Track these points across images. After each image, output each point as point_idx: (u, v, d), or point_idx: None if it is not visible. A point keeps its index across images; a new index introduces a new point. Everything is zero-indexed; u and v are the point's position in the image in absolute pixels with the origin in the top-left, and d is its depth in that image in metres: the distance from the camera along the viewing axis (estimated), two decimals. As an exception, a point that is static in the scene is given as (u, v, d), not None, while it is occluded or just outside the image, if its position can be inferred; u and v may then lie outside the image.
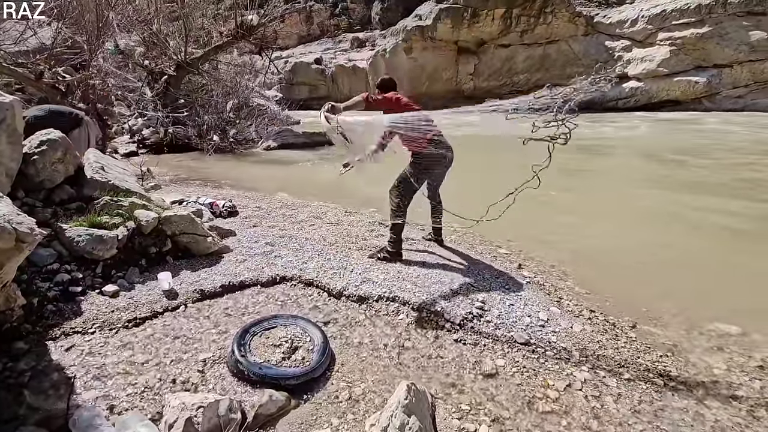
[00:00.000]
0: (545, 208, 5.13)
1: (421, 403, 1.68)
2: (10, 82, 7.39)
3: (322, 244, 3.45)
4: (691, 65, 18.78)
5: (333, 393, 1.86)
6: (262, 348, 2.06)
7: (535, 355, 2.19)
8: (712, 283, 3.23)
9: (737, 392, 2.00)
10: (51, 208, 2.93)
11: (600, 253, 3.80)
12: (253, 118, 11.22)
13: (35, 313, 2.13)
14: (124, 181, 3.41)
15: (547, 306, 2.67)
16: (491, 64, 22.48)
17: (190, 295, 2.52)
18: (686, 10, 18.64)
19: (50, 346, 1.97)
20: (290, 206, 4.57)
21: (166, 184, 5.56)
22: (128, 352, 1.99)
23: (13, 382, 1.71)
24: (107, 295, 2.41)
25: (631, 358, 2.21)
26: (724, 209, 5.06)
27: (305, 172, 7.88)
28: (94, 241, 2.54)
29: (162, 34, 10.44)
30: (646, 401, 1.91)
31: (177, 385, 1.81)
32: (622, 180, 7.17)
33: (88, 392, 1.72)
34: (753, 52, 17.45)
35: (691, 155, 8.92)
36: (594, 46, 21.04)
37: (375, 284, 2.76)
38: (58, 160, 3.04)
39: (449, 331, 2.35)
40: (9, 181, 2.69)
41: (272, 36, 12.60)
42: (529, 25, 21.27)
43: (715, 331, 2.55)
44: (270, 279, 2.80)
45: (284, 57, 27.85)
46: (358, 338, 2.27)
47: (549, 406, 1.85)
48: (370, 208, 4.77)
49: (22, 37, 6.65)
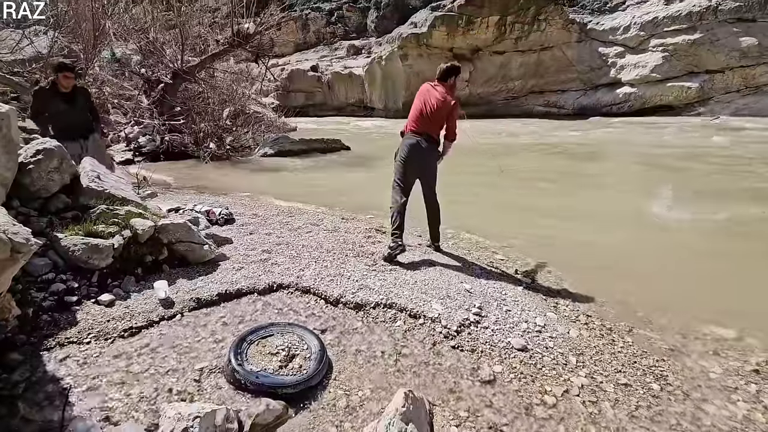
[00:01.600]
0: (541, 215, 5.16)
1: (418, 410, 1.68)
2: (5, 90, 7.38)
3: (319, 251, 3.45)
4: (683, 71, 19.01)
5: (330, 401, 1.85)
6: (259, 356, 2.05)
7: (532, 361, 2.19)
8: (707, 287, 3.25)
9: (733, 396, 2.01)
10: (46, 217, 2.91)
11: (595, 258, 3.82)
12: (249, 126, 11.25)
13: (30, 323, 2.11)
14: (120, 189, 3.41)
15: (544, 311, 2.68)
16: (486, 71, 22.64)
17: (186, 304, 2.50)
18: (678, 17, 18.91)
19: (45, 357, 1.95)
20: (287, 213, 4.58)
21: (162, 192, 5.55)
22: (124, 362, 1.98)
23: (7, 393, 1.69)
24: (103, 304, 2.40)
25: (627, 363, 2.22)
26: (720, 213, 5.10)
27: (302, 179, 7.89)
28: (89, 251, 2.53)
29: (159, 43, 10.47)
30: (643, 406, 1.91)
31: (173, 395, 1.79)
32: (617, 185, 7.22)
33: (83, 403, 1.70)
34: (744, 57, 17.70)
35: (690, 160, 9.00)
36: (587, 53, 21.27)
37: (372, 291, 2.76)
38: (54, 169, 3.03)
39: (446, 337, 2.36)
40: (4, 191, 2.68)
41: (269, 44, 12.66)
42: (523, 32, 21.48)
43: (710, 335, 2.56)
44: (267, 287, 2.79)
45: (281, 64, 27.94)
46: (356, 345, 2.26)
47: (547, 412, 1.85)
48: (367, 215, 4.77)
49: (18, 46, 6.66)
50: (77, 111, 4.40)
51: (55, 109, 4.27)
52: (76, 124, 4.41)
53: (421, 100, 3.40)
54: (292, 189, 6.56)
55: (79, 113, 4.43)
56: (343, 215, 4.66)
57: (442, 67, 3.42)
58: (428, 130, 3.37)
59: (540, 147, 11.85)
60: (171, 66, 10.19)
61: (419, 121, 3.38)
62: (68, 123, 4.31)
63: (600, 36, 21.11)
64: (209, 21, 13.43)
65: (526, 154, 10.68)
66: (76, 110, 4.38)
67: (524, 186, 6.75)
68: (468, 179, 6.79)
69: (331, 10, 31.37)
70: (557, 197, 6.02)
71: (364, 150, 11.32)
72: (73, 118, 4.37)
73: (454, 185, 3.67)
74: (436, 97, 3.33)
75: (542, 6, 20.84)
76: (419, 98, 3.42)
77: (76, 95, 4.41)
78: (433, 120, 3.35)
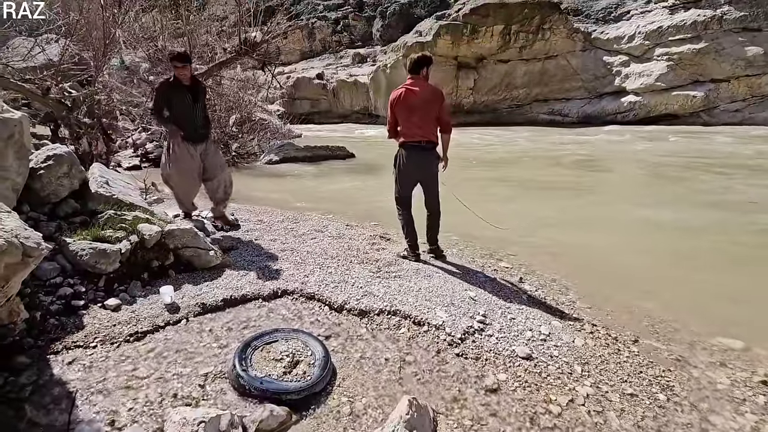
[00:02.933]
0: (546, 223, 5.15)
1: (422, 418, 1.68)
2: (17, 97, 7.51)
3: (323, 257, 3.47)
4: (688, 80, 19.03)
5: (334, 408, 1.85)
6: (263, 362, 2.05)
7: (537, 370, 2.18)
8: (714, 296, 3.22)
9: (741, 408, 1.99)
10: (55, 222, 2.96)
11: (601, 266, 3.80)
12: (255, 133, 11.33)
13: (37, 326, 2.14)
14: (127, 195, 3.45)
15: (549, 320, 2.67)
16: (490, 79, 22.76)
17: (191, 309, 2.52)
18: (682, 27, 18.98)
19: (52, 360, 1.97)
20: (292, 219, 4.60)
21: (168, 197, 5.60)
22: (130, 367, 1.99)
23: (15, 396, 1.71)
24: (109, 308, 2.42)
25: (633, 373, 2.20)
26: (726, 223, 5.07)
27: (307, 185, 7.93)
28: (97, 255, 2.56)
29: (167, 51, 10.62)
30: (649, 417, 1.89)
31: (178, 400, 1.80)
32: (623, 194, 7.20)
33: (89, 407, 1.71)
34: (749, 66, 17.71)
35: (694, 169, 8.97)
36: (592, 61, 21.36)
37: (376, 298, 2.76)
38: (64, 174, 3.08)
39: (451, 345, 2.35)
40: (15, 196, 2.72)
41: (275, 52, 12.82)
42: (527, 41, 21.62)
43: (717, 346, 2.54)
44: (271, 293, 2.80)
45: (287, 72, 28.25)
46: (360, 352, 2.26)
47: (552, 422, 1.84)
48: (372, 221, 4.79)
49: (30, 54, 6.79)
50: (200, 108, 3.74)
51: (181, 105, 3.62)
52: (200, 124, 3.76)
53: (406, 105, 3.20)
54: (297, 195, 6.59)
55: (201, 111, 3.77)
56: (347, 222, 4.68)
57: (413, 58, 3.22)
58: (425, 135, 3.23)
59: (544, 154, 11.86)
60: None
61: (413, 128, 3.23)
62: (194, 122, 3.69)
63: (604, 45, 21.21)
64: (217, 30, 13.62)
65: (531, 162, 10.68)
66: (198, 107, 3.71)
67: (529, 194, 6.75)
68: (473, 185, 6.80)
69: (337, 18, 31.75)
70: (562, 205, 6.01)
71: (369, 157, 11.37)
72: (198, 117, 3.73)
73: (461, 194, 3.67)
74: (421, 95, 3.16)
75: (547, 15, 21.01)
76: (402, 105, 3.21)
77: (197, 90, 3.73)
78: (427, 120, 3.20)
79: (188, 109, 3.65)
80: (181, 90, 3.60)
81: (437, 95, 3.19)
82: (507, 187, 7.36)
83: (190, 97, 3.64)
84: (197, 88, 3.73)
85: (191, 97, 3.64)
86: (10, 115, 2.66)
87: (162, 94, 3.64)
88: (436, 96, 3.18)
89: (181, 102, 3.62)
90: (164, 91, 3.63)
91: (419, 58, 3.21)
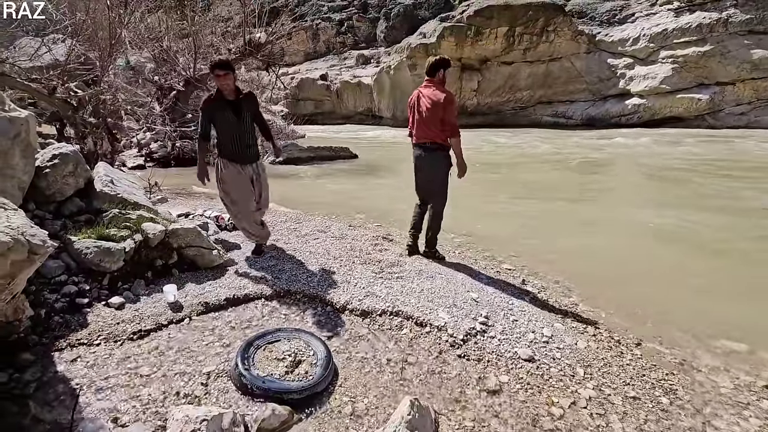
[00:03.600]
0: (548, 225, 5.14)
1: (424, 419, 1.68)
2: (23, 96, 7.57)
3: (326, 257, 3.47)
4: (693, 83, 18.92)
5: (336, 408, 1.85)
6: (265, 361, 2.06)
7: (539, 372, 2.17)
8: (718, 299, 3.20)
9: (745, 412, 1.98)
10: (60, 220, 2.98)
11: (603, 269, 3.79)
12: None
13: (42, 324, 2.16)
14: (132, 194, 3.47)
15: (551, 322, 2.66)
16: (494, 81, 22.74)
17: (194, 308, 2.53)
18: (687, 29, 18.88)
19: (56, 358, 1.98)
20: (294, 220, 4.61)
21: (172, 197, 5.62)
22: (133, 365, 2.00)
23: (19, 393, 1.72)
24: (113, 307, 2.44)
25: (636, 376, 2.19)
26: (731, 226, 5.04)
27: (310, 186, 7.95)
28: (101, 254, 2.58)
29: (172, 51, 10.69)
30: (652, 420, 1.89)
31: (181, 398, 1.81)
32: (626, 197, 7.17)
33: (92, 404, 1.73)
34: (755, 70, 17.59)
35: (695, 172, 8.92)
36: (596, 64, 21.29)
37: (378, 298, 2.76)
38: (69, 173, 3.10)
39: (453, 346, 2.35)
40: (21, 194, 2.74)
41: (279, 53, 12.87)
42: (531, 43, 21.59)
43: (721, 349, 2.52)
44: (274, 292, 2.81)
45: (290, 73, 28.36)
46: (362, 353, 2.27)
47: (553, 424, 1.83)
48: (374, 222, 4.79)
49: (36, 54, 6.84)
50: (245, 125, 3.18)
51: (224, 123, 3.12)
52: (248, 143, 3.22)
53: (415, 107, 3.38)
54: (300, 196, 6.60)
55: (248, 127, 3.22)
56: (350, 223, 4.69)
57: (430, 61, 3.32)
58: (431, 136, 3.30)
59: (548, 157, 11.83)
60: (183, 74, 10.39)
61: (419, 129, 3.37)
62: (238, 141, 3.17)
63: (609, 47, 21.13)
64: (222, 30, 13.68)
65: (533, 165, 10.66)
66: (243, 123, 3.16)
67: (532, 196, 6.73)
68: (477, 188, 6.79)
69: (341, 20, 31.84)
70: (565, 208, 6.00)
71: (372, 158, 11.39)
72: (245, 134, 3.20)
73: (465, 195, 3.66)
74: (428, 97, 3.26)
75: (551, 17, 20.96)
76: (413, 107, 3.41)
77: (242, 104, 3.15)
78: (431, 123, 3.26)
79: (232, 126, 3.14)
80: (221, 106, 3.10)
81: (442, 97, 3.22)
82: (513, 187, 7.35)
83: (232, 112, 3.11)
84: (240, 102, 3.15)
85: (233, 112, 3.11)
86: (16, 114, 2.69)
87: (205, 114, 3.14)
88: (442, 98, 3.22)
89: (224, 120, 3.12)
90: (206, 109, 3.13)
91: (436, 61, 3.30)
